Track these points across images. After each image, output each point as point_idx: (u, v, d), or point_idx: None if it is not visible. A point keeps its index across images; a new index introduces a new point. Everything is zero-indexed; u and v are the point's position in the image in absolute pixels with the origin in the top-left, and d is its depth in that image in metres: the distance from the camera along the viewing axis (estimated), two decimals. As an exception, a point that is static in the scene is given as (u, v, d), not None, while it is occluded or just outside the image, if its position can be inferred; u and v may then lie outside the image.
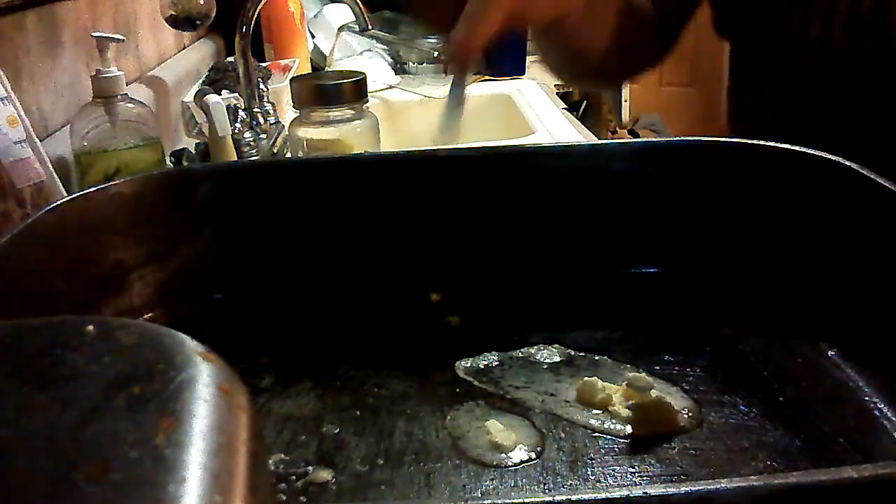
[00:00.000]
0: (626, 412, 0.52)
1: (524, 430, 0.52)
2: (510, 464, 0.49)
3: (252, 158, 1.15)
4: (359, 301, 0.68)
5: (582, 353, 0.60)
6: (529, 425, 0.53)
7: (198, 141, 1.22)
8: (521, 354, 0.60)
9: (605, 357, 0.60)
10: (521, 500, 0.35)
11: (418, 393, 0.56)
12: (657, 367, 0.58)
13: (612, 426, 0.52)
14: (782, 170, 0.64)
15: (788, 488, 0.30)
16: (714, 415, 0.53)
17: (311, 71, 1.69)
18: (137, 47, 1.34)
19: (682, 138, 0.70)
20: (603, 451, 0.50)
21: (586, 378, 0.55)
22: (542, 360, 0.60)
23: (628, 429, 0.52)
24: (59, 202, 0.61)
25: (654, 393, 0.53)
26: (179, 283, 0.66)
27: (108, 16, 1.21)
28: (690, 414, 0.53)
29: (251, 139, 1.19)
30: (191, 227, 0.67)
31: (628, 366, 0.59)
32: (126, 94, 0.92)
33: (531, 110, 1.47)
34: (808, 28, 0.75)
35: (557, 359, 0.60)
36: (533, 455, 0.50)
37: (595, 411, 0.53)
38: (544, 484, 0.47)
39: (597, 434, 0.52)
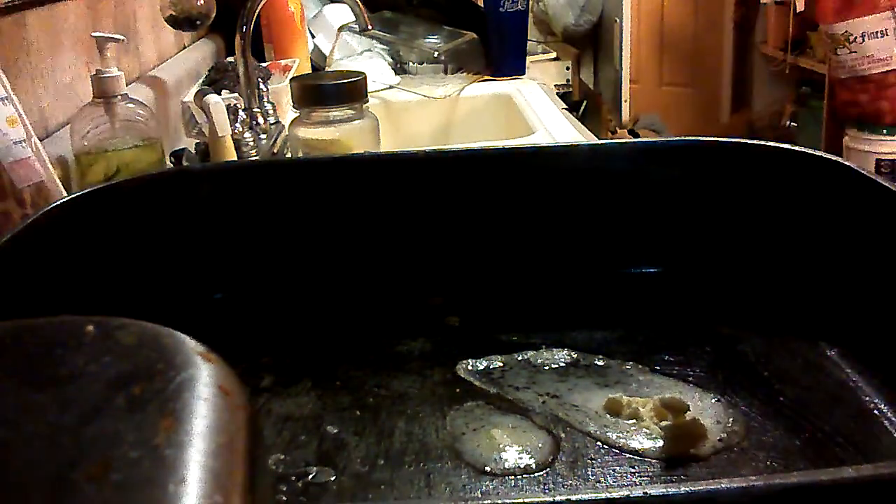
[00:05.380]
0: (656, 429, 0.52)
1: (525, 430, 0.52)
2: (510, 464, 0.49)
3: (252, 158, 1.15)
4: (359, 301, 0.68)
5: (583, 354, 0.60)
6: (530, 426, 0.52)
7: (198, 141, 1.22)
8: (521, 355, 0.60)
9: (607, 357, 0.60)
10: (521, 500, 0.35)
11: (418, 393, 0.56)
12: (657, 367, 0.58)
13: (614, 428, 0.52)
14: (782, 170, 0.64)
15: (788, 488, 0.30)
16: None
17: (311, 71, 1.69)
18: (137, 47, 1.34)
19: (682, 138, 0.70)
20: (603, 452, 0.50)
21: (611, 395, 0.55)
22: (542, 360, 0.60)
23: (634, 432, 0.51)
24: (59, 202, 0.61)
25: (688, 415, 0.52)
26: (179, 283, 0.66)
27: (108, 16, 1.21)
28: (724, 434, 0.51)
29: (251, 139, 1.19)
30: (191, 227, 0.67)
31: (630, 366, 0.59)
32: (126, 94, 0.92)
33: (531, 110, 1.47)
34: None
35: (559, 359, 0.60)
36: (533, 455, 0.50)
37: (597, 414, 0.53)
38: (544, 484, 0.47)
39: (597, 435, 0.51)
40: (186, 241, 0.67)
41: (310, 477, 0.48)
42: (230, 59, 1.50)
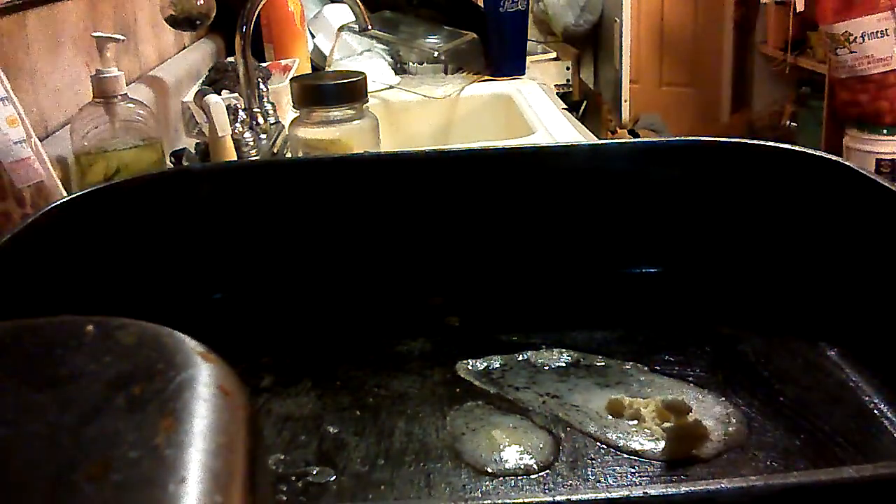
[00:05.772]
0: (658, 430, 0.52)
1: (525, 431, 0.52)
2: (510, 464, 0.49)
3: (252, 158, 1.15)
4: (359, 301, 0.68)
5: (583, 354, 0.60)
6: (530, 426, 0.52)
7: (198, 141, 1.22)
8: (521, 355, 0.60)
9: (607, 357, 0.60)
10: (521, 500, 0.35)
11: (418, 393, 0.56)
12: (657, 367, 0.58)
13: (614, 428, 0.52)
14: (782, 169, 0.64)
15: (788, 488, 0.30)
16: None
17: (311, 71, 1.69)
18: (137, 47, 1.34)
19: (682, 138, 0.70)
20: (603, 452, 0.50)
21: (613, 396, 0.55)
22: (543, 360, 0.60)
23: (634, 433, 0.51)
24: (59, 202, 0.61)
25: (691, 417, 0.52)
26: (179, 283, 0.66)
27: (108, 16, 1.21)
28: (725, 434, 0.51)
29: (251, 139, 1.19)
30: (191, 227, 0.67)
31: (630, 366, 0.59)
32: (126, 94, 0.92)
33: (531, 110, 1.47)
34: None
35: (559, 359, 0.60)
36: (533, 455, 0.50)
37: (598, 414, 0.53)
38: (544, 484, 0.47)
39: (598, 436, 0.51)
40: (186, 241, 0.67)
41: (310, 477, 0.48)
42: (230, 59, 1.51)
